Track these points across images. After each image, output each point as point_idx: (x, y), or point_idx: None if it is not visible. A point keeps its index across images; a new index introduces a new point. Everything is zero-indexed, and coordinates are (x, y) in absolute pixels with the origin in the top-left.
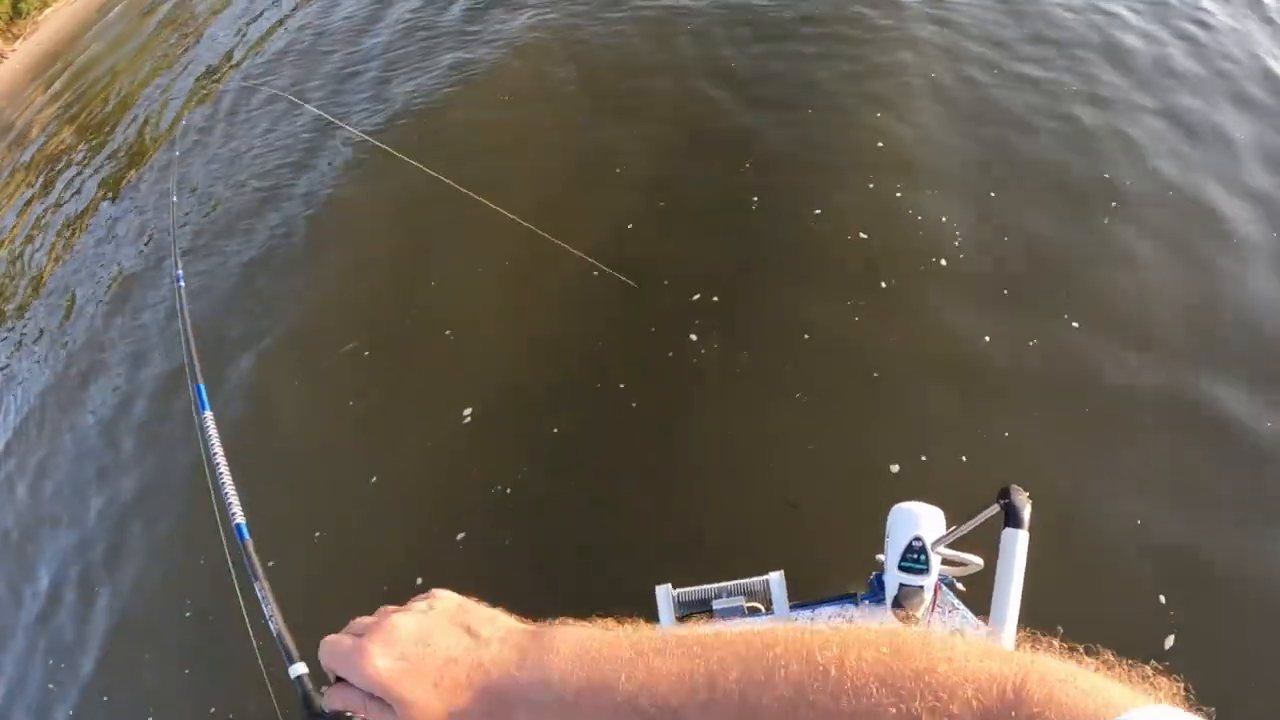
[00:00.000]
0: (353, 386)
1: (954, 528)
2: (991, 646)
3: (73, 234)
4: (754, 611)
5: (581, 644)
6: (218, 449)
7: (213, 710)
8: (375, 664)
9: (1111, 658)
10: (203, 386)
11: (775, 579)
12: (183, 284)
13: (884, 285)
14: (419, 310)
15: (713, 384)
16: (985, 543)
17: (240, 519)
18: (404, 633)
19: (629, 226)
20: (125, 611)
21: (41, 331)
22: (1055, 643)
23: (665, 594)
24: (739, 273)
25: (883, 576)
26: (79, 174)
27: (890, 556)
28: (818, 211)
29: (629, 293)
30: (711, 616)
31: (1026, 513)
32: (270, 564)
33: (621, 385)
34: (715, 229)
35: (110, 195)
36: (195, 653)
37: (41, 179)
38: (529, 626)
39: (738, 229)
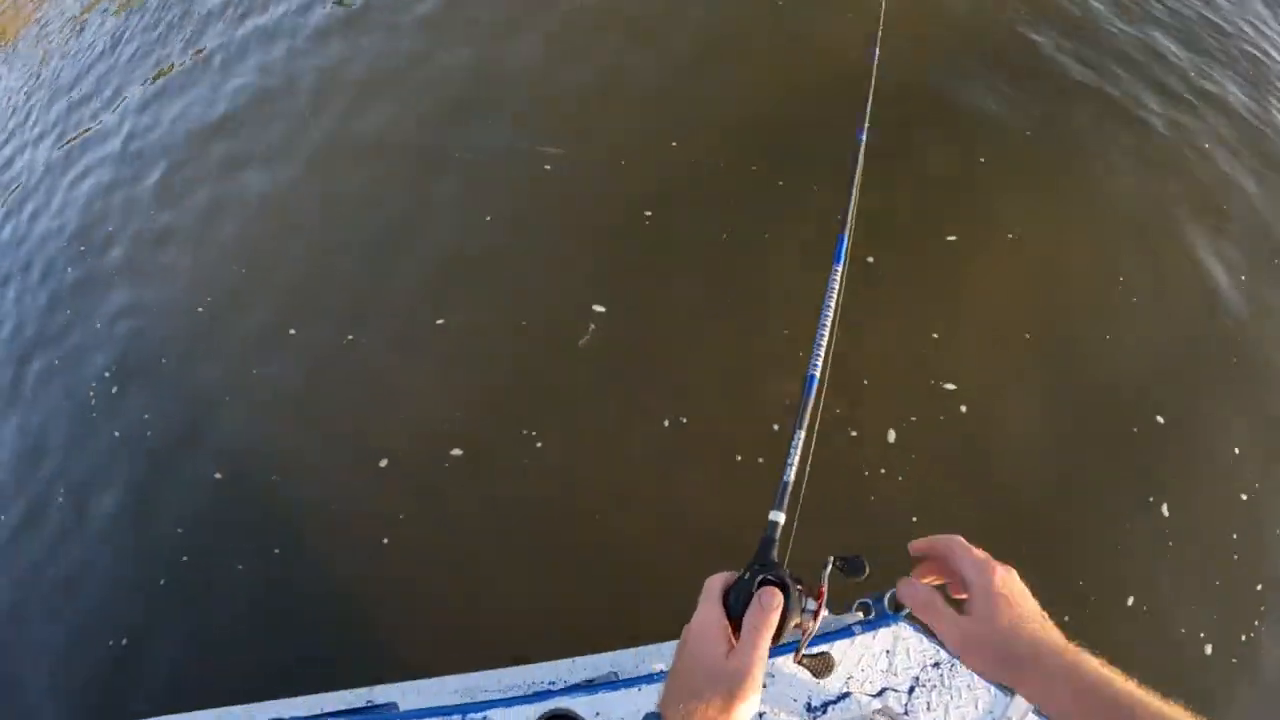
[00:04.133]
0: None
1: None
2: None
3: None
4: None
5: (1079, 655)
6: (832, 301)
7: None
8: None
9: None
10: (844, 236)
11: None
12: (863, 139)
13: None
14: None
15: None
16: None
17: (816, 371)
18: (1017, 587)
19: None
20: None
21: None
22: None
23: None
24: None
25: None
26: None
27: None
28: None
29: None
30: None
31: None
32: None
33: None
34: None
35: None
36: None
37: None
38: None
39: None
